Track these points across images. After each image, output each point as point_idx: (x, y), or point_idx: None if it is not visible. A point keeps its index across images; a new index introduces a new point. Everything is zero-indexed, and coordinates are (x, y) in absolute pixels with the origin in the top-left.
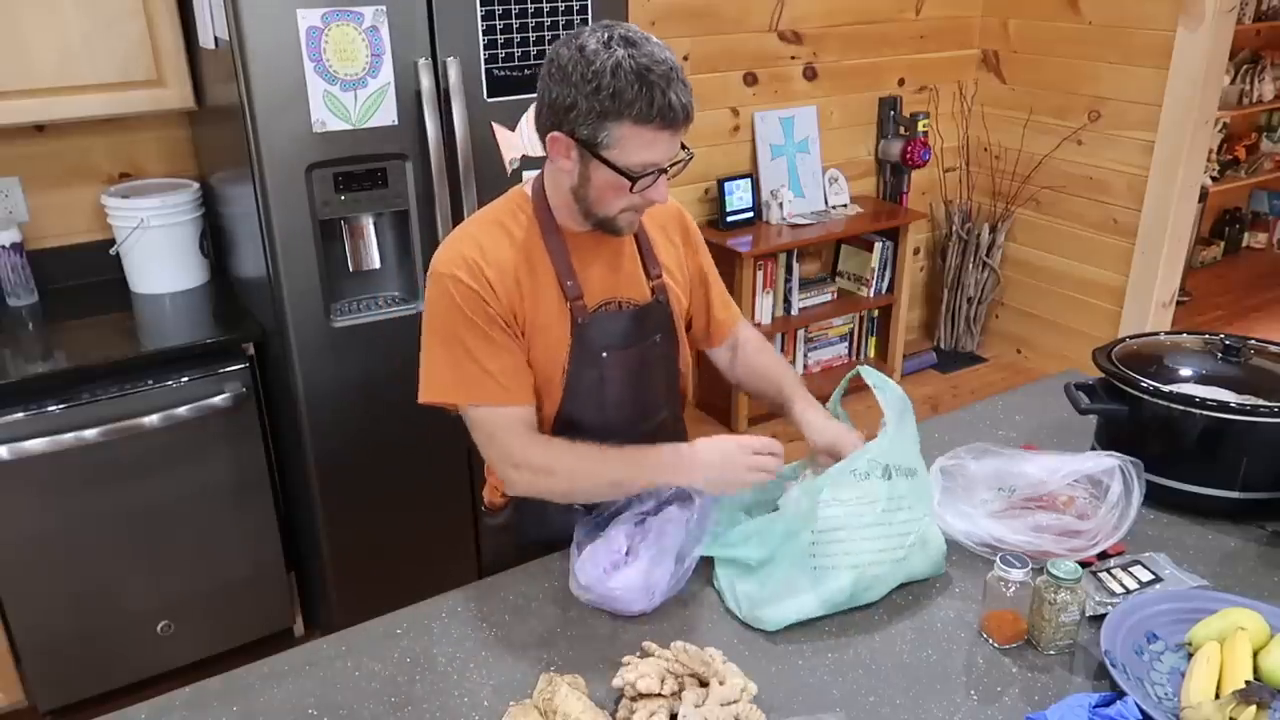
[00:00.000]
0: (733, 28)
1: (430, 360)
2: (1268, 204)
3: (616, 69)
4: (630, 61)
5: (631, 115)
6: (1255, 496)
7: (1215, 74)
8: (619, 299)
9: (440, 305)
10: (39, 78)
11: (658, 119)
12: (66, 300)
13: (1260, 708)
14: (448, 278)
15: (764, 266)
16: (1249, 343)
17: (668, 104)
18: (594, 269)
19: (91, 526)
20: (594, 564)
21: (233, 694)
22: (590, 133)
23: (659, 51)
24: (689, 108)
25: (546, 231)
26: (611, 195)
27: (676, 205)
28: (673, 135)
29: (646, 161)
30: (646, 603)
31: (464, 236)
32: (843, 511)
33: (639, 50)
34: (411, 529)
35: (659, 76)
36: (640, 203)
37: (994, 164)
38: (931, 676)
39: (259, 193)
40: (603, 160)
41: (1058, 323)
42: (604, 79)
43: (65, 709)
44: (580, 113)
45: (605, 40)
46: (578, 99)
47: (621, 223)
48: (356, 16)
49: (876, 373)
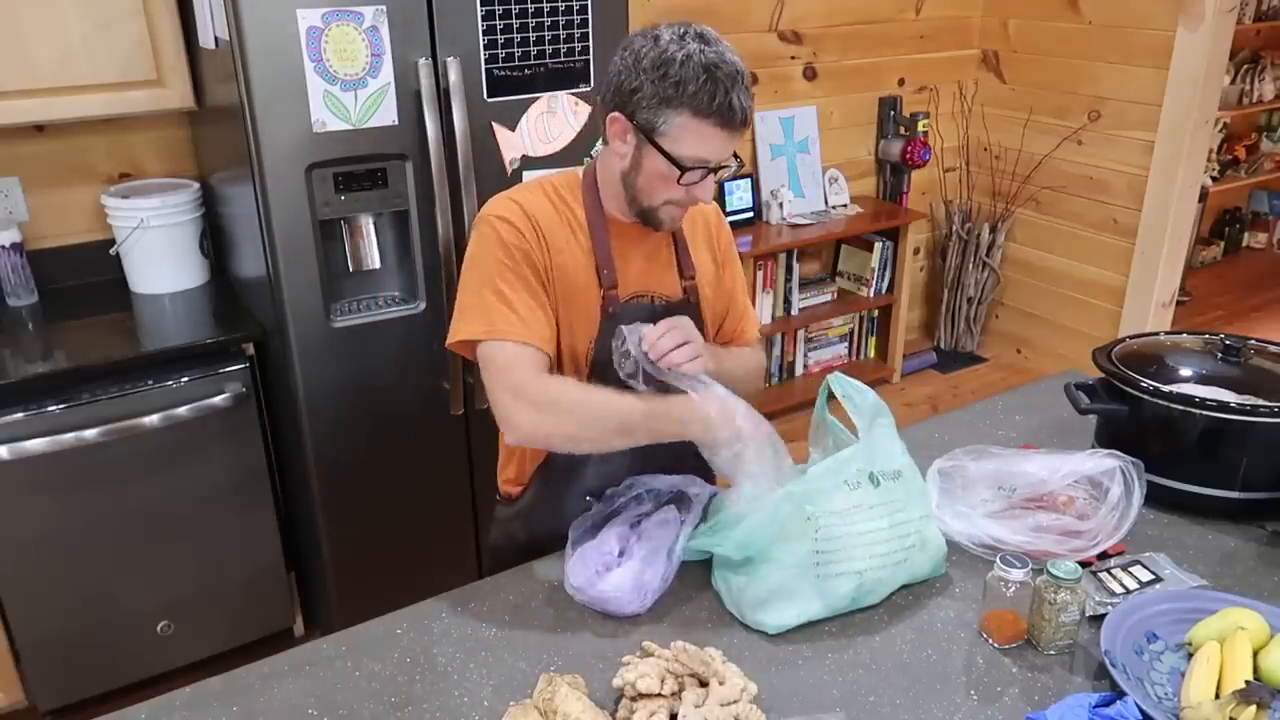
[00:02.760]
0: (733, 28)
1: (461, 304)
2: (1268, 204)
3: (686, 60)
4: (701, 56)
5: (692, 106)
6: (1255, 496)
7: (1215, 74)
8: (651, 293)
9: (480, 247)
10: (39, 78)
11: (716, 114)
12: (66, 300)
13: (1260, 708)
14: (495, 218)
15: (764, 266)
16: (1249, 343)
17: (729, 103)
18: (632, 260)
19: (91, 526)
20: (585, 565)
21: (233, 694)
22: (649, 117)
23: (729, 54)
24: (747, 113)
25: (592, 215)
26: (659, 185)
27: (716, 210)
28: (727, 135)
29: (698, 155)
30: (639, 604)
31: (517, 191)
32: (841, 521)
33: (710, 47)
34: (411, 529)
35: (725, 75)
36: (684, 198)
37: (994, 164)
38: (931, 676)
39: (259, 193)
40: (657, 146)
41: (1058, 323)
42: (672, 67)
43: (65, 709)
44: (644, 96)
45: (680, 34)
46: (644, 83)
47: (664, 216)
48: (356, 16)
49: (846, 380)
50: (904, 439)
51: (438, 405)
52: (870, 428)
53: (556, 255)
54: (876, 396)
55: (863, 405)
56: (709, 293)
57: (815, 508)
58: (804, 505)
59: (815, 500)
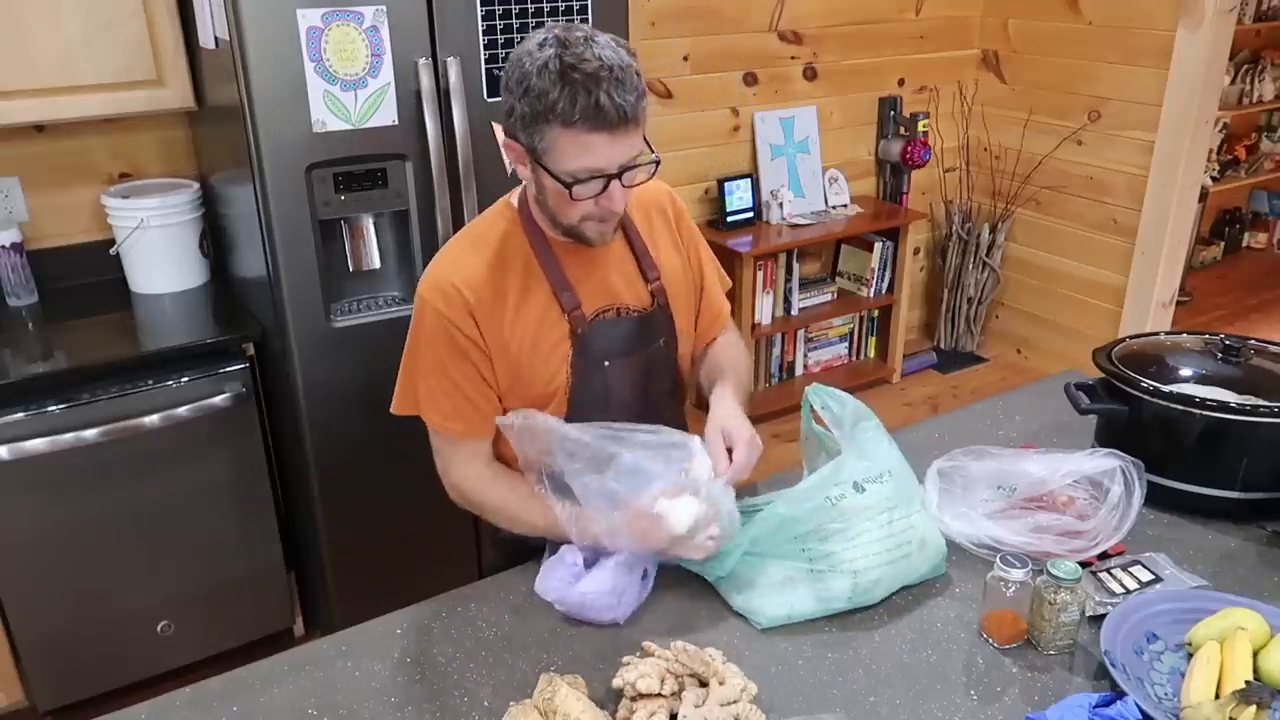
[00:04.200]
0: (733, 28)
1: (405, 374)
2: (1268, 204)
3: (542, 70)
4: (555, 62)
5: (558, 118)
6: (1255, 496)
7: (1215, 74)
8: (617, 305)
9: (421, 327)
10: (39, 78)
11: (585, 120)
12: (66, 300)
13: (1260, 708)
14: (429, 305)
15: (764, 266)
16: (1249, 343)
17: (593, 104)
18: (588, 276)
19: (91, 526)
20: (552, 578)
21: (233, 694)
22: (529, 138)
23: (591, 50)
24: (625, 108)
25: (535, 243)
26: (564, 204)
27: (668, 192)
28: (610, 137)
29: (584, 167)
30: (616, 611)
31: (448, 259)
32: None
33: (568, 50)
34: (411, 529)
35: (585, 76)
36: (598, 211)
37: (994, 164)
38: (931, 676)
39: (259, 193)
40: (544, 166)
41: (1058, 323)
42: (531, 80)
43: (65, 709)
44: (518, 117)
45: (540, 41)
46: (515, 103)
47: (589, 232)
48: (356, 16)
49: (824, 390)
50: (904, 439)
51: None
52: (853, 434)
53: (506, 315)
54: (856, 401)
55: (841, 414)
56: (679, 289)
57: (800, 529)
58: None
59: (798, 524)
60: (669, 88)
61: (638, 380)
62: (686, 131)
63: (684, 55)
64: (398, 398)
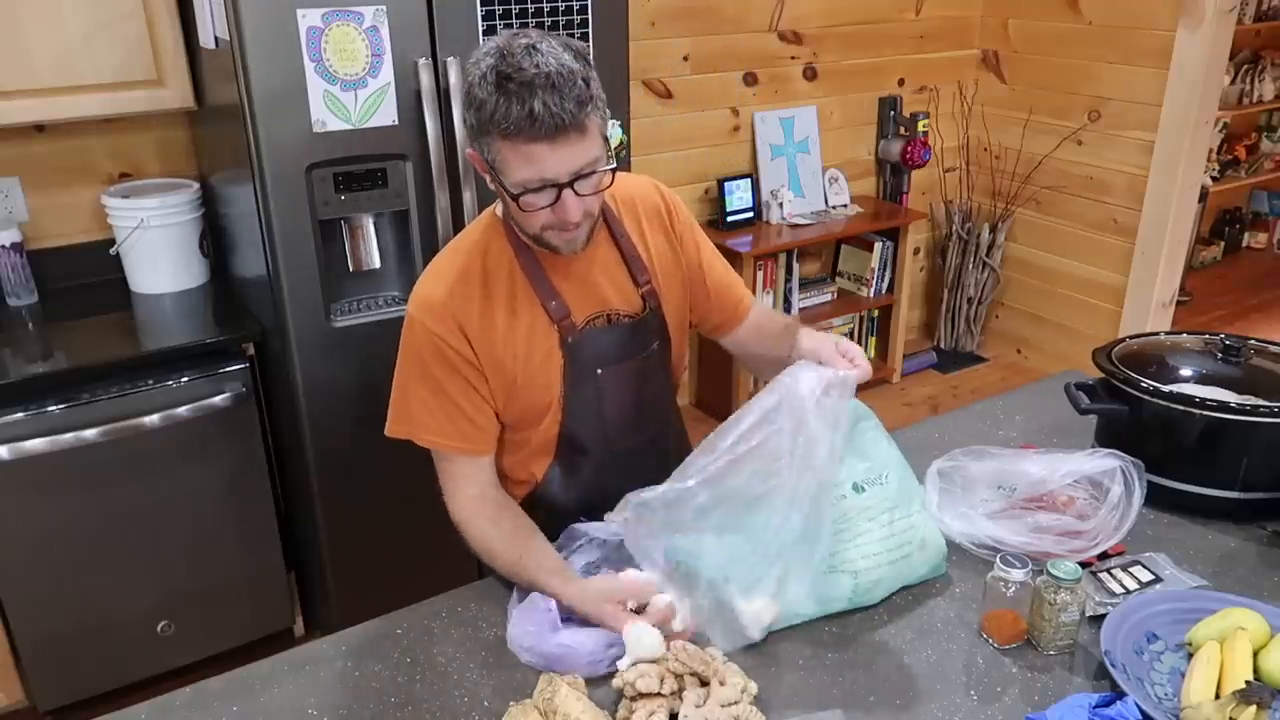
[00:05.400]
0: (733, 28)
1: (399, 393)
2: (1268, 204)
3: (481, 80)
4: (492, 73)
5: (496, 128)
6: (1255, 496)
7: (1215, 74)
8: (607, 311)
9: (412, 345)
10: (39, 78)
11: (523, 130)
12: (66, 300)
13: (1260, 708)
14: (418, 323)
15: (764, 266)
16: (1249, 343)
17: (528, 113)
18: (576, 283)
19: (91, 526)
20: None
21: (233, 694)
22: (480, 149)
23: (531, 58)
24: (562, 115)
25: (520, 253)
26: (520, 215)
27: (649, 186)
28: (552, 147)
29: (529, 178)
30: (598, 667)
31: (436, 274)
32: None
33: (505, 60)
34: (411, 529)
35: (520, 85)
36: (556, 221)
37: (994, 164)
38: (931, 676)
39: (259, 193)
40: (495, 178)
41: (1058, 323)
42: (473, 91)
43: (65, 709)
44: (469, 128)
45: (486, 50)
46: (466, 113)
47: (554, 241)
48: (356, 16)
49: None
50: (904, 439)
51: None
52: (852, 434)
53: (492, 339)
54: (856, 401)
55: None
56: (673, 289)
57: None
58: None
59: None
60: (669, 88)
61: (631, 386)
62: (686, 131)
63: (684, 55)
64: (392, 419)
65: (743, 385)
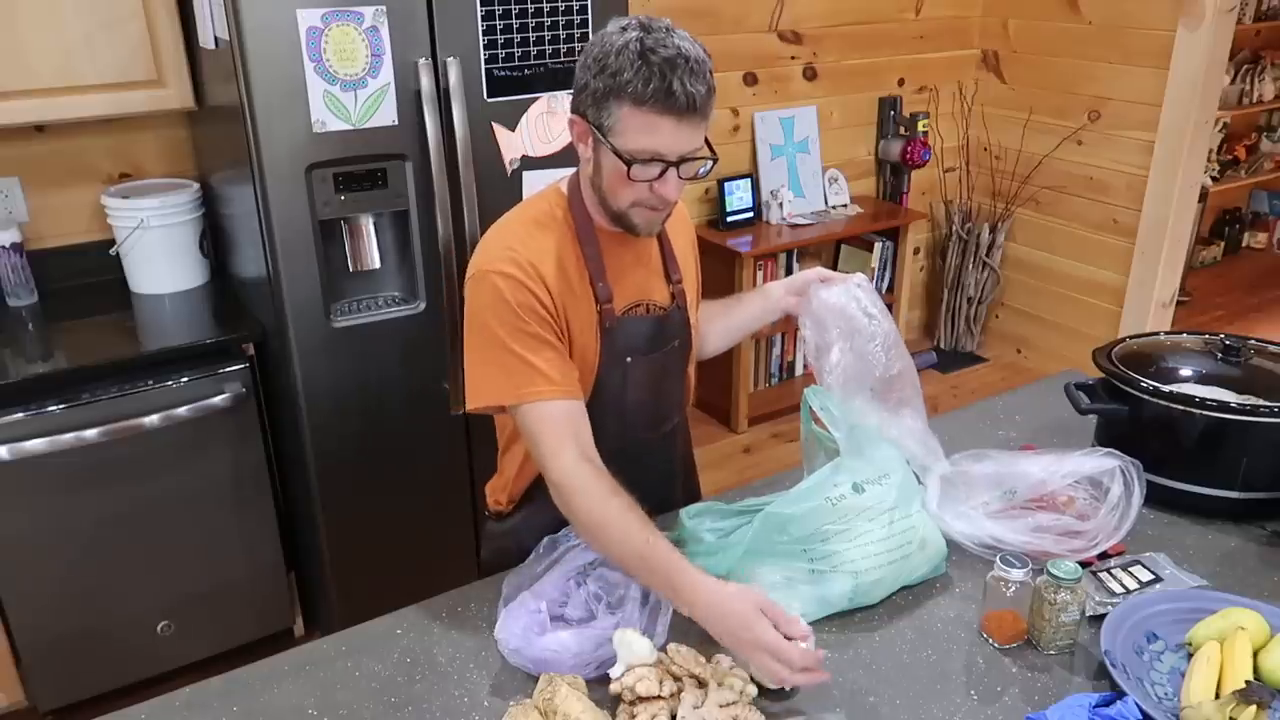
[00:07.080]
0: (733, 28)
1: (475, 364)
2: (1268, 204)
3: (623, 49)
4: (637, 44)
5: (629, 94)
6: (1255, 496)
7: (1215, 74)
8: (645, 302)
9: (486, 303)
10: (39, 78)
11: (655, 101)
12: (66, 300)
13: (1260, 708)
14: (495, 274)
15: (764, 266)
16: (1249, 343)
17: (667, 87)
18: (625, 270)
19: (91, 526)
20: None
21: (233, 694)
22: (596, 113)
23: (674, 40)
24: (696, 98)
25: (581, 229)
26: (620, 185)
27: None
28: (676, 124)
29: (645, 147)
30: (584, 671)
31: (505, 234)
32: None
33: (650, 35)
34: (411, 529)
35: (663, 60)
36: (650, 198)
37: (994, 164)
38: (931, 676)
39: (259, 193)
40: (608, 143)
41: (1058, 323)
42: (609, 59)
43: (65, 709)
44: (590, 93)
45: (624, 25)
46: (589, 79)
47: (636, 219)
48: (356, 16)
49: (823, 391)
50: None
51: (437, 405)
52: (851, 434)
53: (563, 293)
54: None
55: (840, 416)
56: (691, 294)
57: (799, 530)
58: (786, 529)
59: (797, 525)
60: None
61: (655, 379)
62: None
63: None
64: (471, 389)
65: (743, 385)
